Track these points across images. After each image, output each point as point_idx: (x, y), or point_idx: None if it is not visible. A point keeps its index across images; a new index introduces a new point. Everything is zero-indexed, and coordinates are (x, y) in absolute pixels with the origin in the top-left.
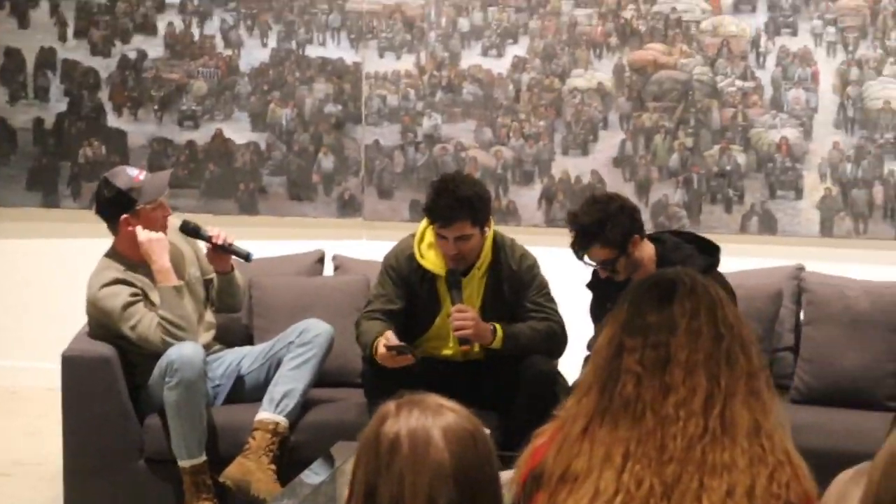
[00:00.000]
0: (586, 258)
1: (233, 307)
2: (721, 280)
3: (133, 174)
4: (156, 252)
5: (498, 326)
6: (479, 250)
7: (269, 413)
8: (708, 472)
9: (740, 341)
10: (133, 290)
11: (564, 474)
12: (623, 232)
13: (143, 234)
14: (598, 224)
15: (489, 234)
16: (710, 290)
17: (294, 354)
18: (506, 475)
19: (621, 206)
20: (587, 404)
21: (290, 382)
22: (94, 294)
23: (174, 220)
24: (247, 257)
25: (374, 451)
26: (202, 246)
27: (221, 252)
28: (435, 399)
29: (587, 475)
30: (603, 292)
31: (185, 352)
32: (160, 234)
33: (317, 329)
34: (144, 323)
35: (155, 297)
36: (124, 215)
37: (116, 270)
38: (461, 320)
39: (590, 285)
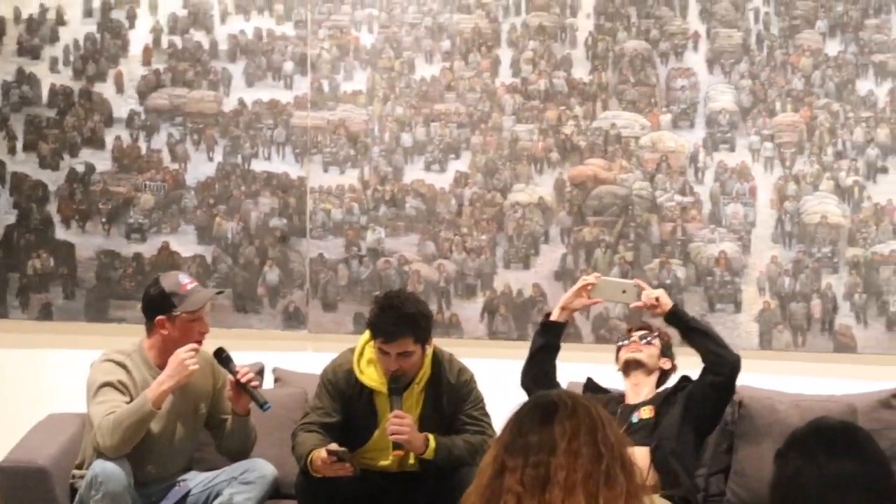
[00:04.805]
0: None
1: (239, 453)
2: None
3: (184, 281)
4: (173, 371)
5: (431, 437)
6: (420, 366)
7: None
8: None
9: (621, 461)
10: (126, 380)
11: None
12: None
13: (183, 352)
14: None
15: (429, 349)
16: (591, 410)
17: (236, 491)
18: None
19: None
20: None
21: None
22: (95, 362)
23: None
24: (262, 406)
25: None
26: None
27: (241, 390)
28: None
29: None
30: None
31: (109, 465)
32: (193, 366)
33: (261, 471)
34: (105, 406)
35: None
36: (160, 316)
37: (129, 359)
38: (398, 425)
39: None
